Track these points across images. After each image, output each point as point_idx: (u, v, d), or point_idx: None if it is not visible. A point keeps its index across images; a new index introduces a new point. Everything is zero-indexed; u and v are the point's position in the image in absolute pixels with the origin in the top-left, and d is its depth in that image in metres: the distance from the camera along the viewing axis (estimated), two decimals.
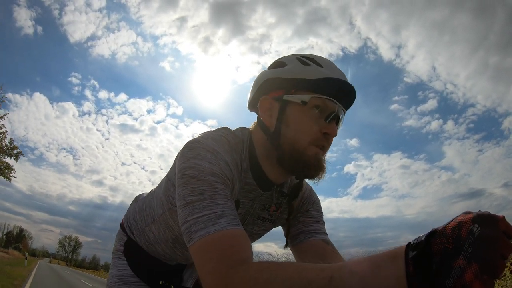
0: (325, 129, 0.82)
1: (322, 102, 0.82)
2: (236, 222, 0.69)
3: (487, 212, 0.45)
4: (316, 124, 0.82)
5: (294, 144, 0.82)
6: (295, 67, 0.85)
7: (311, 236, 0.96)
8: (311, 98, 0.81)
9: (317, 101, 0.82)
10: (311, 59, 0.86)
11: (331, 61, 0.87)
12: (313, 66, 0.84)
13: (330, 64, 0.86)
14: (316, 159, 0.82)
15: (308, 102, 0.81)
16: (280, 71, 0.87)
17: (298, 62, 0.86)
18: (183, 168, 0.75)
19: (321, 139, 0.82)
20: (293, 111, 0.83)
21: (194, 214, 0.68)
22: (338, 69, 0.86)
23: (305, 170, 0.83)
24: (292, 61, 0.87)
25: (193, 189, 0.71)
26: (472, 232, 0.43)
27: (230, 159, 0.81)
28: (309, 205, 1.02)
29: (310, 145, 0.82)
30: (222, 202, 0.70)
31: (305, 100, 0.82)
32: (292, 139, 0.82)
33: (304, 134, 0.82)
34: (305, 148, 0.81)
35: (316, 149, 0.82)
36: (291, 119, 0.83)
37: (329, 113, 0.83)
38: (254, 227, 0.98)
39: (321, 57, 0.88)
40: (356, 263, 0.52)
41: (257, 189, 0.90)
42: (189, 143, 0.81)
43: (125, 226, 1.19)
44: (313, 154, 0.82)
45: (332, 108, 0.83)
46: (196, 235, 0.67)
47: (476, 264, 0.41)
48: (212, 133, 0.86)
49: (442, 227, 0.46)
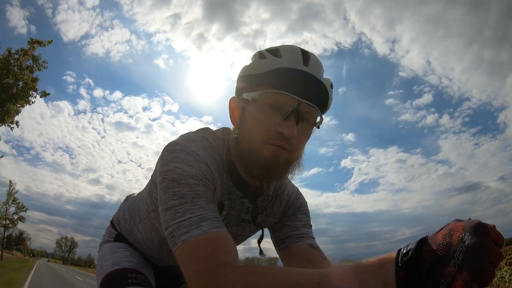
0: (279, 128, 0.74)
1: (276, 98, 0.75)
2: (219, 225, 0.68)
3: (477, 220, 0.45)
4: (269, 121, 0.76)
5: (249, 143, 0.79)
6: (254, 62, 0.82)
7: (298, 240, 0.94)
8: (261, 94, 0.76)
9: (268, 96, 0.75)
10: (273, 51, 0.80)
11: (301, 49, 0.78)
12: (269, 58, 0.78)
13: (293, 53, 0.77)
14: (273, 158, 0.76)
15: (257, 98, 0.77)
16: (244, 68, 0.84)
17: (257, 57, 0.82)
18: (163, 171, 0.74)
19: (274, 138, 0.75)
20: (250, 110, 0.79)
21: (176, 218, 0.68)
22: (301, 58, 0.76)
23: (260, 169, 0.78)
24: (254, 56, 0.84)
25: (174, 193, 0.70)
26: (463, 240, 0.43)
27: (211, 160, 0.79)
28: (295, 209, 1.00)
29: (266, 144, 0.76)
30: (204, 204, 0.70)
31: (255, 96, 0.77)
32: (246, 138, 0.79)
33: (256, 132, 0.77)
34: (260, 147, 0.76)
35: (274, 148, 0.76)
36: (247, 118, 0.80)
37: (287, 110, 0.75)
38: (238, 229, 0.97)
39: (291, 46, 0.80)
40: (345, 269, 0.51)
41: (236, 191, 0.88)
42: (168, 146, 0.79)
43: (114, 223, 1.19)
44: (270, 153, 0.76)
45: (291, 104, 0.74)
46: (180, 239, 0.66)
47: (466, 272, 0.41)
48: (192, 134, 0.85)
49: (433, 235, 0.46)
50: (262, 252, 0.95)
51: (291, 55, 0.77)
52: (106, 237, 1.19)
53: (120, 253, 1.08)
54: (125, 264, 1.03)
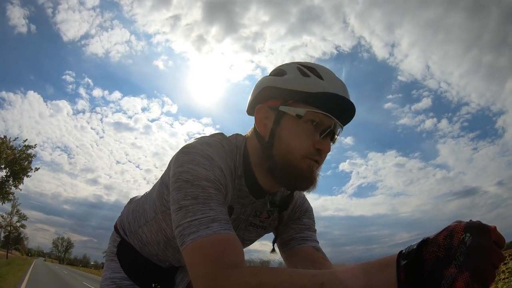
0: (318, 145, 0.81)
1: (318, 117, 0.80)
2: (228, 227, 0.70)
3: (478, 222, 0.45)
4: (309, 138, 0.80)
5: (286, 157, 0.81)
6: (294, 77, 0.83)
7: (302, 243, 0.97)
8: (307, 112, 0.80)
9: (313, 115, 0.80)
10: (312, 69, 0.83)
11: (333, 73, 0.85)
12: (313, 77, 0.81)
13: (331, 77, 0.83)
14: (309, 172, 0.82)
15: (303, 115, 0.80)
16: (279, 80, 0.85)
17: (297, 72, 0.83)
18: (177, 172, 0.75)
19: (314, 154, 0.81)
20: (288, 123, 0.82)
21: (187, 217, 0.69)
22: (339, 82, 0.83)
23: (297, 182, 0.83)
24: (292, 70, 0.85)
25: (186, 194, 0.71)
26: (464, 241, 0.43)
27: (224, 165, 0.81)
28: (301, 213, 1.02)
29: (304, 158, 0.81)
30: (215, 207, 0.71)
31: (300, 113, 0.80)
32: (284, 151, 0.81)
33: (297, 148, 0.80)
34: (298, 161, 0.81)
35: (310, 162, 0.81)
36: (285, 131, 0.82)
37: (324, 128, 0.81)
38: (246, 233, 0.99)
39: (324, 68, 0.85)
40: (347, 270, 0.52)
41: (250, 196, 0.90)
42: (184, 148, 0.80)
43: (118, 227, 1.20)
44: (307, 167, 0.81)
45: (328, 123, 0.81)
46: (189, 238, 0.67)
47: (467, 272, 0.42)
48: (207, 138, 0.86)
49: (434, 236, 0.47)
50: (274, 250, 0.99)
51: (332, 79, 0.83)
52: (111, 246, 1.21)
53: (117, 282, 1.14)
54: None
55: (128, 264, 1.16)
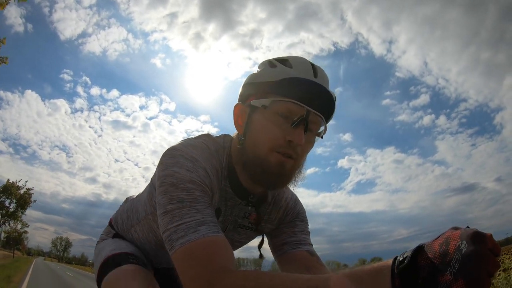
0: (288, 136, 0.76)
1: (286, 106, 0.76)
2: (216, 229, 0.69)
3: (474, 229, 0.44)
4: (278, 129, 0.76)
5: (255, 150, 0.79)
6: (263, 70, 0.83)
7: (295, 247, 0.94)
8: (272, 101, 0.77)
9: (280, 104, 0.76)
10: (282, 61, 0.81)
11: (309, 61, 0.81)
12: (280, 67, 0.79)
13: (303, 64, 0.79)
14: (279, 167, 0.77)
15: (268, 106, 0.77)
16: (253, 76, 0.85)
17: (267, 65, 0.83)
18: (162, 176, 0.75)
19: (283, 146, 0.76)
20: (257, 117, 0.80)
21: (174, 222, 0.68)
22: (310, 68, 0.79)
23: (266, 177, 0.79)
24: (264, 64, 0.85)
25: (172, 197, 0.71)
26: (460, 248, 0.43)
27: (210, 166, 0.80)
28: (293, 216, 1.00)
29: (272, 152, 0.77)
30: (202, 209, 0.70)
31: (265, 104, 0.78)
32: (253, 145, 0.80)
33: (264, 140, 0.77)
34: (266, 154, 0.77)
35: (280, 157, 0.77)
36: (254, 124, 0.80)
37: (296, 118, 0.76)
38: (235, 234, 0.97)
39: (300, 58, 0.82)
40: (342, 275, 0.51)
41: (235, 197, 0.89)
42: (168, 151, 0.80)
43: (113, 223, 1.19)
44: (276, 161, 0.77)
45: (300, 112, 0.76)
46: (177, 243, 0.66)
47: (462, 280, 0.41)
48: (192, 140, 0.85)
49: (429, 242, 0.46)
50: (262, 256, 0.97)
51: (302, 66, 0.79)
52: (104, 236, 1.20)
53: (121, 243, 1.09)
54: (126, 250, 1.04)
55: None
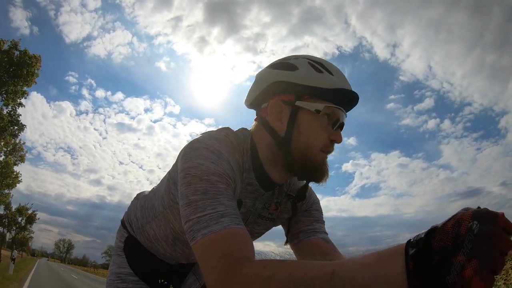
0: (332, 137, 0.85)
1: (333, 111, 0.84)
2: (238, 221, 0.69)
3: (486, 209, 0.45)
4: (325, 131, 0.84)
5: (306, 150, 0.83)
6: (308, 73, 0.84)
7: (311, 235, 0.97)
8: (325, 107, 0.83)
9: (329, 110, 0.83)
10: (322, 65, 0.85)
11: (337, 67, 0.88)
12: (326, 74, 0.84)
13: (339, 72, 0.87)
14: (323, 164, 0.85)
15: (322, 110, 0.83)
16: (291, 74, 0.84)
17: (310, 68, 0.84)
18: (186, 167, 0.75)
19: (329, 146, 0.85)
20: (306, 118, 0.83)
21: (197, 213, 0.69)
22: (344, 77, 0.87)
23: (314, 174, 0.86)
24: (304, 65, 0.85)
25: (195, 189, 0.71)
26: (472, 228, 0.43)
27: (232, 159, 0.81)
28: (308, 205, 1.03)
29: (320, 152, 0.84)
30: (225, 201, 0.71)
31: (319, 109, 0.82)
32: (304, 146, 0.83)
33: (316, 141, 0.83)
34: (316, 153, 0.84)
35: (324, 155, 0.85)
36: (303, 126, 0.83)
37: (335, 120, 0.85)
38: (254, 226, 0.99)
39: (329, 63, 0.87)
40: (356, 260, 0.52)
41: (259, 189, 0.90)
42: (192, 143, 0.80)
43: (125, 223, 1.19)
44: (321, 160, 0.85)
45: (339, 115, 0.85)
46: (199, 233, 0.67)
47: (475, 260, 0.41)
48: (215, 133, 0.86)
49: (442, 224, 0.46)
50: (287, 242, 1.01)
51: (339, 74, 0.87)
52: (118, 241, 1.21)
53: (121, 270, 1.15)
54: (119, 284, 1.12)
55: (135, 260, 1.16)
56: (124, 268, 1.15)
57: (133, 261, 1.16)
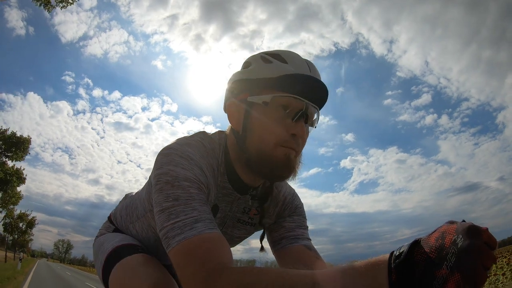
0: (291, 130, 0.78)
1: (287, 101, 0.79)
2: (213, 226, 0.69)
3: (470, 223, 0.45)
4: (281, 124, 0.79)
5: (259, 147, 0.80)
6: (257, 67, 0.83)
7: (294, 241, 0.95)
8: (273, 97, 0.79)
9: (280, 100, 0.79)
10: (275, 56, 0.83)
11: (299, 55, 0.84)
12: (276, 63, 0.81)
13: (297, 59, 0.82)
14: (285, 159, 0.79)
15: (269, 102, 0.79)
16: (245, 72, 0.85)
17: (260, 61, 0.84)
18: (157, 174, 0.75)
19: (288, 140, 0.79)
20: (257, 113, 0.81)
21: (170, 220, 0.68)
22: (305, 64, 0.82)
23: (273, 171, 0.80)
24: (256, 60, 0.85)
25: (167, 195, 0.71)
26: (456, 242, 0.43)
27: (205, 164, 0.80)
28: (291, 210, 1.00)
29: (277, 146, 0.79)
30: (198, 206, 0.70)
31: (266, 100, 0.79)
32: (257, 142, 0.80)
33: (269, 136, 0.79)
34: (272, 149, 0.79)
35: (285, 149, 0.79)
36: (255, 121, 0.81)
37: (296, 111, 0.79)
38: (234, 230, 0.98)
39: (289, 52, 0.84)
40: (339, 270, 0.52)
41: (234, 192, 0.90)
42: (163, 150, 0.80)
43: (112, 219, 1.20)
44: (282, 155, 0.79)
45: (300, 106, 0.79)
46: (174, 240, 0.66)
47: (458, 274, 0.41)
48: (188, 138, 0.86)
49: (426, 237, 0.46)
50: (263, 248, 0.97)
51: (297, 61, 0.82)
52: (104, 230, 1.19)
53: (125, 236, 1.09)
54: (132, 241, 1.04)
55: None
56: None
57: None
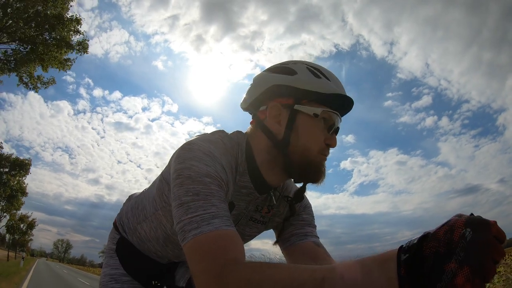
0: (328, 141, 0.88)
1: (329, 116, 0.87)
2: (229, 223, 0.70)
3: (479, 216, 0.45)
4: (322, 135, 0.87)
5: (304, 153, 0.86)
6: (306, 78, 0.87)
7: (303, 238, 0.98)
8: (322, 111, 0.86)
9: (326, 114, 0.87)
10: (319, 71, 0.89)
11: (333, 73, 0.91)
12: (324, 79, 0.87)
13: (335, 78, 0.90)
14: (321, 166, 0.88)
15: (320, 115, 0.86)
16: (290, 78, 0.88)
17: (309, 73, 0.88)
18: (179, 168, 0.75)
19: (325, 149, 0.88)
20: (304, 122, 0.86)
21: (189, 214, 0.69)
22: (340, 83, 0.91)
23: (313, 176, 0.88)
24: (302, 70, 0.88)
25: (188, 190, 0.72)
26: (464, 236, 0.43)
27: (225, 162, 0.82)
28: (300, 209, 1.03)
29: (319, 154, 0.87)
30: (217, 203, 0.71)
31: (317, 113, 0.85)
32: (302, 148, 0.85)
33: (314, 144, 0.86)
34: (315, 156, 0.86)
35: (322, 157, 0.88)
36: (302, 129, 0.86)
37: (331, 125, 0.88)
38: (246, 228, 1.00)
39: (326, 69, 0.91)
40: (348, 265, 0.52)
41: (254, 192, 0.91)
42: (186, 145, 0.81)
43: (117, 224, 1.20)
44: (320, 162, 0.88)
45: (334, 120, 0.88)
46: (190, 234, 0.67)
47: (467, 267, 0.41)
48: (209, 135, 0.88)
49: (434, 231, 0.46)
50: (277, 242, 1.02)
51: (335, 80, 0.90)
52: (110, 243, 1.21)
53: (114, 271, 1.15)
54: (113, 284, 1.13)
55: (128, 261, 1.17)
56: (117, 269, 1.16)
57: (126, 262, 1.17)
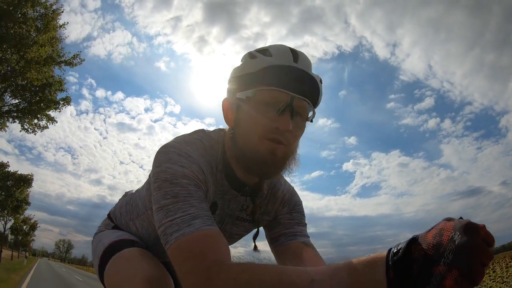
0: (276, 123, 0.76)
1: (270, 94, 0.77)
2: (210, 223, 0.69)
3: (468, 220, 0.45)
4: (265, 117, 0.77)
5: (246, 141, 0.80)
6: (244, 63, 0.84)
7: (292, 238, 0.95)
8: (255, 91, 0.78)
9: (263, 93, 0.77)
10: (262, 51, 0.83)
11: (289, 47, 0.82)
12: (260, 57, 0.80)
13: (282, 51, 0.80)
14: (270, 155, 0.77)
15: (252, 96, 0.79)
16: (236, 69, 0.86)
17: (247, 57, 0.85)
18: (156, 172, 0.76)
19: (272, 132, 0.77)
20: (244, 108, 0.81)
21: (169, 216, 0.69)
22: (290, 54, 0.79)
23: (258, 166, 0.79)
24: (244, 57, 0.86)
25: (166, 193, 0.72)
26: (453, 239, 0.43)
27: (203, 161, 0.81)
28: (290, 208, 1.01)
29: (262, 140, 0.77)
30: (196, 203, 0.71)
31: (249, 95, 0.80)
32: (243, 136, 0.81)
33: (253, 129, 0.78)
34: (256, 143, 0.78)
35: (271, 144, 0.77)
36: (242, 116, 0.82)
37: (276, 103, 0.77)
38: (233, 227, 0.98)
39: (279, 45, 0.83)
40: (337, 267, 0.52)
41: (231, 190, 0.90)
42: (161, 148, 0.81)
43: (111, 216, 1.20)
44: (267, 150, 0.77)
45: (284, 99, 0.77)
46: (172, 237, 0.67)
47: (456, 270, 0.42)
48: (186, 136, 0.87)
49: (423, 234, 0.47)
50: (256, 248, 0.97)
51: (281, 53, 0.80)
52: (103, 227, 1.19)
53: (123, 232, 1.09)
54: (130, 237, 1.05)
55: None
56: None
57: None
